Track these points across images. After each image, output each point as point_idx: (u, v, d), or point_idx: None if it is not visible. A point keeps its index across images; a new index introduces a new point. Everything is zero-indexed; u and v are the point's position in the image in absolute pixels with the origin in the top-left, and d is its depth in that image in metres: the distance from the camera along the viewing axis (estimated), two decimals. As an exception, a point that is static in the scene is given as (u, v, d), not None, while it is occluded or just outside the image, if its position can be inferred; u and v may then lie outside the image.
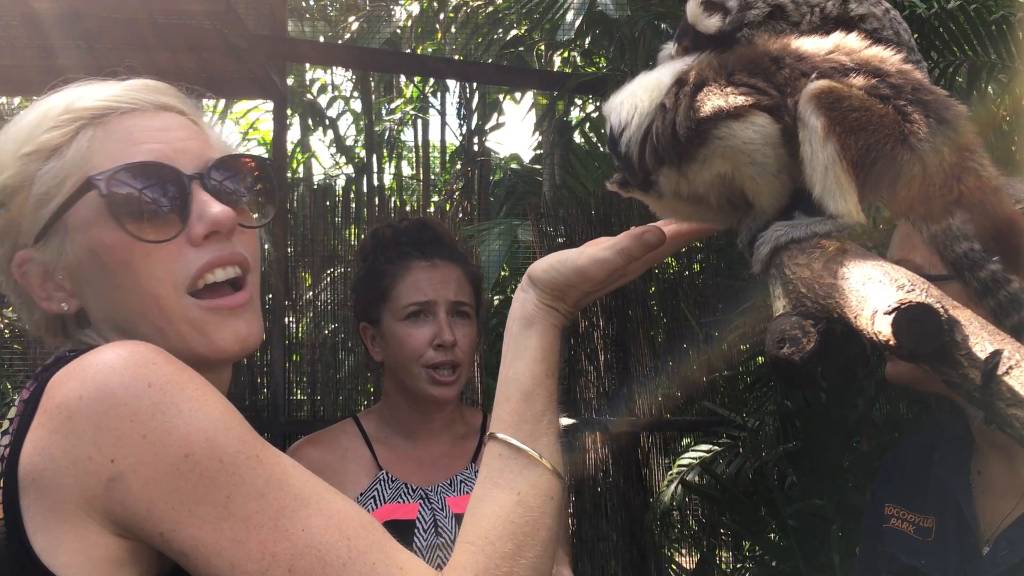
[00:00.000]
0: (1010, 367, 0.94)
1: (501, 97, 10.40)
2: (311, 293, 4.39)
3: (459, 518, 1.99)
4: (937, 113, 1.25)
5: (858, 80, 1.24)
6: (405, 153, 13.58)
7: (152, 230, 1.10)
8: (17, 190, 1.10)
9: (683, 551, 4.82)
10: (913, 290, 1.02)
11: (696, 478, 3.87)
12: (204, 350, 1.12)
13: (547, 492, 1.10)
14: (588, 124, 6.55)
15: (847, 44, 1.30)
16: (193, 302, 1.12)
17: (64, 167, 1.09)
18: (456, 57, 7.49)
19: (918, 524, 1.73)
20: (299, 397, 4.33)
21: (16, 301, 1.18)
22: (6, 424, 1.04)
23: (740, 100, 1.24)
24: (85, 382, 0.96)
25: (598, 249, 1.20)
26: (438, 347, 2.03)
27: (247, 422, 1.01)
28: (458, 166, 10.90)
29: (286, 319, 4.13)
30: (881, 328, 1.00)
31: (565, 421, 4.11)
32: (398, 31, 9.40)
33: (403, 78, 11.12)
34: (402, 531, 1.91)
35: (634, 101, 1.33)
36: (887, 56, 1.29)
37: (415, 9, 9.08)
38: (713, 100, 1.25)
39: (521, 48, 6.73)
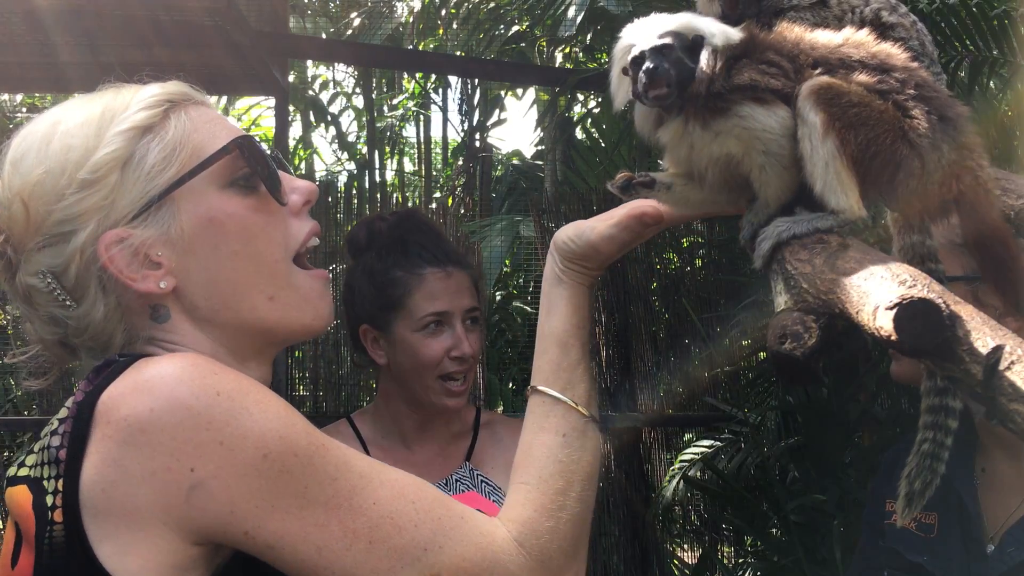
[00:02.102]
0: (1012, 362, 0.94)
1: (503, 93, 10.40)
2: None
3: None
4: (939, 110, 1.25)
5: (859, 76, 1.24)
6: (407, 149, 13.57)
7: (278, 196, 1.18)
8: (114, 166, 1.09)
9: (685, 546, 4.82)
10: (915, 286, 1.02)
11: (698, 474, 3.88)
12: (309, 318, 1.21)
13: (585, 432, 1.23)
14: (590, 120, 6.54)
15: (856, 38, 1.30)
16: (298, 270, 1.20)
17: (169, 143, 1.12)
18: (458, 53, 7.48)
19: (920, 520, 1.73)
20: (301, 393, 4.33)
21: (52, 303, 1.12)
22: (55, 423, 1.05)
23: (773, 83, 1.24)
24: (153, 395, 0.98)
25: (606, 226, 1.29)
26: (455, 358, 2.02)
27: (304, 417, 1.06)
28: (460, 162, 10.90)
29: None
30: (883, 324, 1.00)
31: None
32: (400, 27, 9.39)
33: (405, 74, 11.11)
34: None
35: (724, 29, 1.32)
36: (894, 52, 1.29)
37: (417, 5, 9.08)
38: (750, 71, 1.26)
39: (523, 44, 6.72)
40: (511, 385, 5.39)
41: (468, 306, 2.05)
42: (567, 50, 6.55)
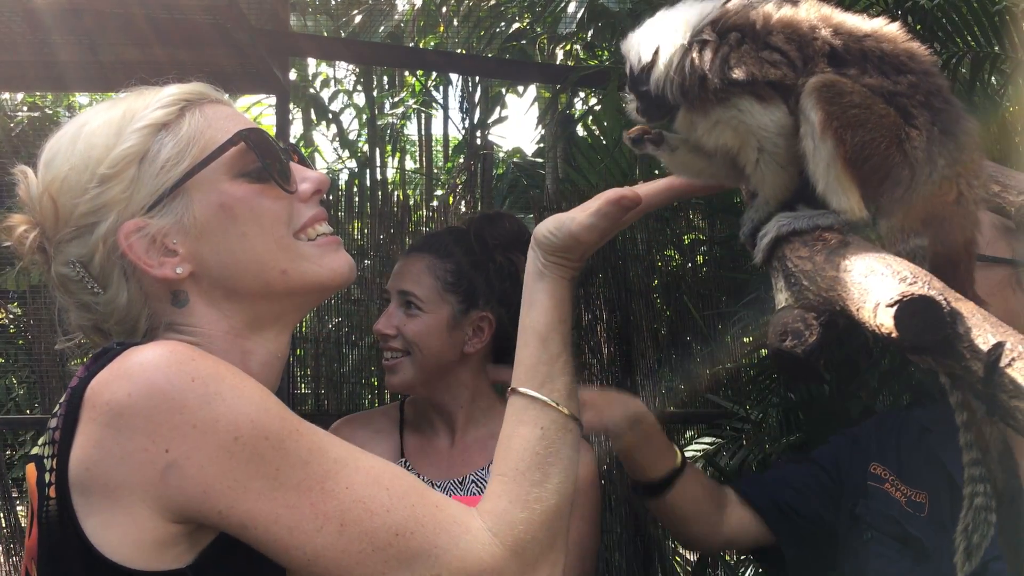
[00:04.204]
0: (1012, 359, 0.94)
1: (504, 91, 10.39)
2: (314, 287, 4.38)
3: None
4: (944, 123, 1.23)
5: (870, 76, 1.23)
6: (408, 147, 13.58)
7: (285, 183, 1.24)
8: (131, 161, 1.18)
9: (687, 543, 4.81)
10: (915, 282, 1.02)
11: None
12: (325, 276, 1.26)
13: (565, 427, 1.24)
14: (591, 117, 6.53)
15: (886, 32, 1.27)
16: (306, 242, 1.26)
17: (183, 138, 1.20)
18: (459, 51, 7.48)
19: (910, 498, 1.75)
20: (303, 391, 4.33)
21: (82, 290, 1.21)
22: (57, 407, 1.12)
23: (773, 73, 1.22)
24: (132, 380, 1.04)
25: (586, 215, 1.29)
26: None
27: (282, 402, 1.10)
28: (461, 160, 10.90)
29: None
30: (883, 321, 1.00)
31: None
32: (400, 25, 9.39)
33: (406, 72, 11.12)
34: None
35: (663, 38, 1.31)
36: (918, 52, 1.27)
37: (418, 2, 9.08)
38: (748, 64, 1.23)
39: (523, 41, 6.72)
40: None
41: (400, 288, 2.08)
42: (568, 47, 6.55)
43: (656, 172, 5.50)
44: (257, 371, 1.23)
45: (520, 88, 10.38)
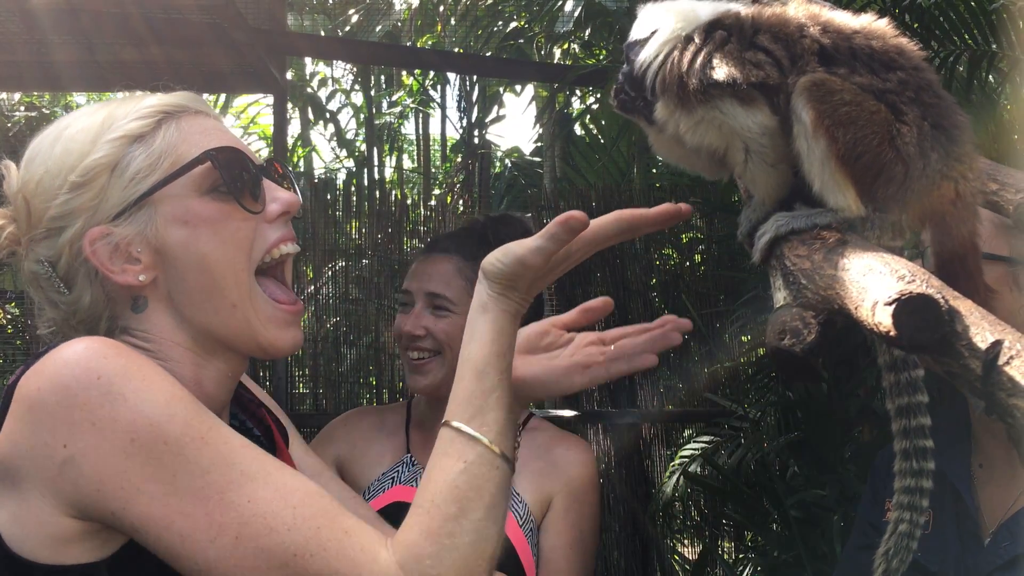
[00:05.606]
0: (1011, 357, 0.94)
1: (501, 90, 10.40)
2: (313, 287, 4.40)
3: None
4: (935, 118, 1.23)
5: (860, 74, 1.23)
6: (406, 146, 13.59)
7: (251, 203, 1.24)
8: (102, 171, 1.19)
9: (685, 542, 4.82)
10: (913, 281, 1.02)
11: (698, 469, 3.88)
12: (263, 340, 1.26)
13: (492, 464, 1.18)
14: (588, 116, 6.53)
15: (874, 28, 1.27)
16: (261, 293, 1.25)
17: (155, 151, 1.21)
18: (456, 50, 7.48)
19: None
20: (302, 391, 4.34)
21: (50, 288, 1.23)
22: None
23: (756, 74, 1.22)
24: (43, 376, 1.07)
25: (533, 239, 1.25)
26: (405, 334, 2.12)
27: (199, 405, 1.10)
28: (459, 159, 10.91)
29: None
30: (881, 319, 1.00)
31: (567, 413, 4.11)
32: (398, 24, 9.40)
33: (403, 71, 11.12)
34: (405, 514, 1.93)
35: (664, 21, 1.30)
36: (907, 49, 1.27)
37: (415, 1, 9.08)
38: (730, 66, 1.23)
39: (521, 40, 6.73)
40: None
41: (429, 290, 2.09)
42: (565, 46, 6.56)
43: (654, 171, 5.51)
44: (207, 383, 1.24)
45: (518, 87, 10.37)
